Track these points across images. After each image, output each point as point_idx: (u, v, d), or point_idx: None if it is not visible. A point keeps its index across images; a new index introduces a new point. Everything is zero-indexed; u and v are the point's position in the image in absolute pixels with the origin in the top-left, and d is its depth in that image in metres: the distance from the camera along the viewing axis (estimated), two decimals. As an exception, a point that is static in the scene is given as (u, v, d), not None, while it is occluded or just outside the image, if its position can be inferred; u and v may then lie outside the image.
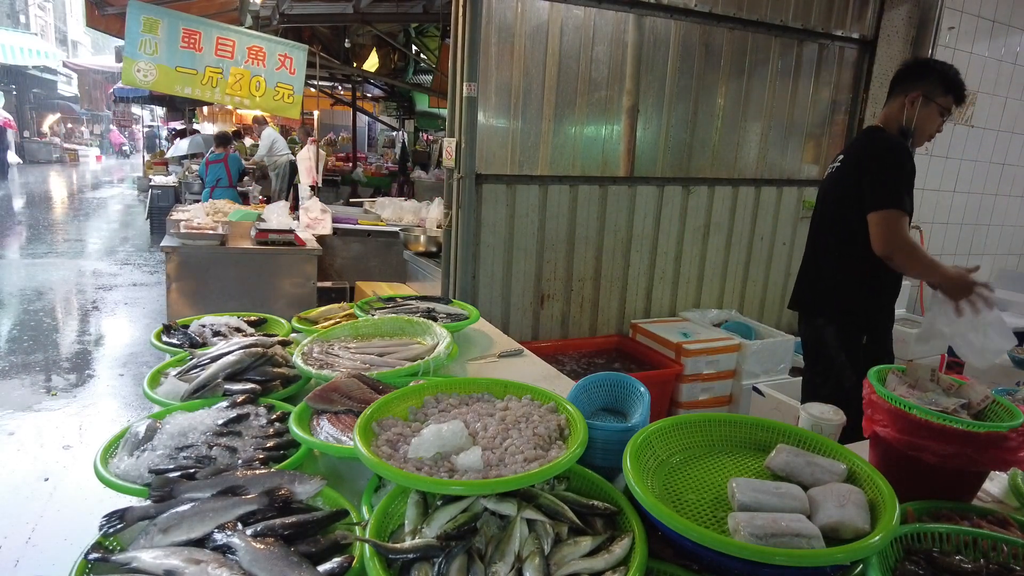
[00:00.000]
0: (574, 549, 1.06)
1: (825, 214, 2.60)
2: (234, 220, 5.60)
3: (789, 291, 4.61)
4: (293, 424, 1.44)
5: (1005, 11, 4.61)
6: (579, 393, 1.56)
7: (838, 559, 0.97)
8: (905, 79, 2.48)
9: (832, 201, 2.54)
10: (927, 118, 2.44)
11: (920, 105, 2.41)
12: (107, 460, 1.36)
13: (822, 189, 2.68)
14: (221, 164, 7.57)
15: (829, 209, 2.57)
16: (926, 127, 2.46)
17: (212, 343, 2.07)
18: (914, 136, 2.46)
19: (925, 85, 2.41)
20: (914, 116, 2.42)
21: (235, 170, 7.63)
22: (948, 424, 1.25)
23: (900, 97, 2.46)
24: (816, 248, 2.66)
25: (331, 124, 14.13)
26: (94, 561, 1.06)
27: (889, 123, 2.50)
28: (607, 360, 3.87)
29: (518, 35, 3.44)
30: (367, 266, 5.58)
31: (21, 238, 10.07)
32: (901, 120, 2.45)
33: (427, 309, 2.45)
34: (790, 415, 3.11)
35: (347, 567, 1.02)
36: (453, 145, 3.46)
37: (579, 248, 3.85)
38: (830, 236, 2.55)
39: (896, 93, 2.50)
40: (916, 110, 2.42)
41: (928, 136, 2.50)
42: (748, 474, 1.27)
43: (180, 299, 4.41)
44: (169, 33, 4.64)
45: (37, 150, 23.45)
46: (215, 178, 7.59)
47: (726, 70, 4.00)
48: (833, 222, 2.53)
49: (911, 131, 2.45)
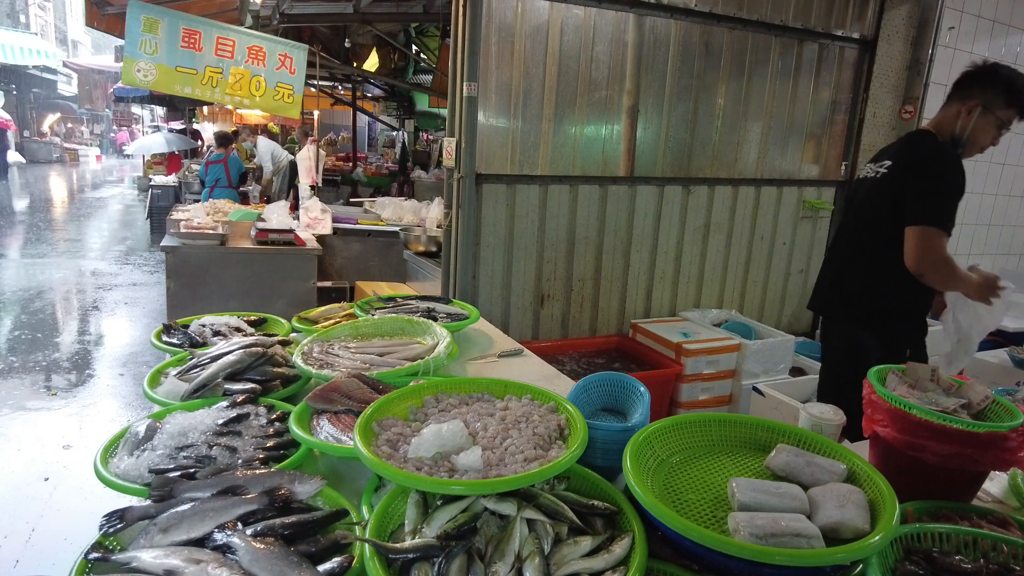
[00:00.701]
0: (574, 549, 1.06)
1: (867, 218, 2.44)
2: (234, 220, 5.61)
3: (789, 291, 4.65)
4: (293, 424, 1.45)
5: (1005, 11, 4.61)
6: (579, 393, 1.56)
7: (838, 559, 0.97)
8: (967, 84, 2.31)
9: (877, 206, 2.37)
10: (982, 129, 2.28)
11: (978, 115, 2.26)
12: (107, 460, 1.36)
13: (862, 191, 2.50)
14: (221, 165, 7.58)
15: (872, 213, 2.40)
16: (979, 139, 2.31)
17: (212, 343, 2.07)
18: (965, 147, 2.31)
19: (986, 94, 2.25)
20: (969, 126, 2.27)
21: (235, 171, 7.65)
22: (948, 424, 1.25)
23: (957, 104, 2.31)
24: (854, 253, 2.50)
25: (331, 124, 14.14)
26: (94, 561, 1.06)
27: (942, 129, 2.35)
28: (607, 360, 3.87)
29: (518, 35, 3.44)
30: (367, 266, 5.58)
31: (21, 238, 10.07)
32: (955, 128, 2.30)
33: (427, 309, 2.45)
34: (790, 415, 3.11)
35: (347, 567, 1.02)
36: (453, 145, 3.46)
37: (579, 248, 3.85)
38: (876, 242, 2.38)
39: (954, 98, 2.33)
40: (972, 120, 2.27)
41: (980, 148, 2.35)
42: (748, 474, 1.27)
43: (180, 299, 4.41)
44: (169, 33, 4.64)
45: (37, 150, 23.47)
46: (214, 178, 7.61)
47: (726, 70, 4.00)
48: (880, 228, 2.36)
49: (963, 141, 2.30)
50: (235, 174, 7.64)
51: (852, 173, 4.55)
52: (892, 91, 4.48)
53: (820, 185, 4.53)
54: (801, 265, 4.63)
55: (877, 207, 2.38)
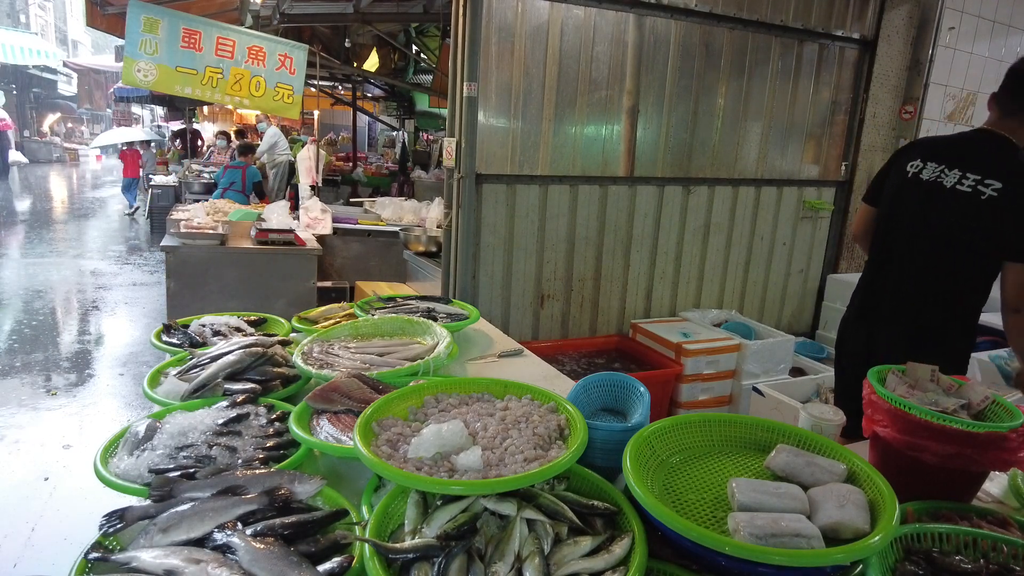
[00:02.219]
0: (574, 549, 1.06)
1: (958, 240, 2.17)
2: (234, 220, 5.61)
3: (789, 291, 4.65)
4: (293, 424, 1.44)
5: (1005, 11, 4.61)
6: (579, 393, 1.56)
7: (838, 559, 0.97)
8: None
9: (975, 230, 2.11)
10: None
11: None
12: (107, 460, 1.36)
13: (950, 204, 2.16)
14: (239, 171, 7.84)
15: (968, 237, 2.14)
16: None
17: (212, 343, 2.07)
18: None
19: None
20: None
21: (249, 179, 7.84)
22: (948, 424, 1.25)
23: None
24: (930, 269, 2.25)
25: (331, 124, 14.13)
26: (94, 561, 1.06)
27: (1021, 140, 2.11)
28: (607, 360, 3.87)
29: (518, 35, 3.44)
30: (367, 266, 5.58)
31: (21, 237, 10.07)
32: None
33: (427, 309, 2.45)
34: (790, 415, 3.11)
35: (347, 567, 1.02)
36: (453, 145, 3.46)
37: (579, 248, 3.85)
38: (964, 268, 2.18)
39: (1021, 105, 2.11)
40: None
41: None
42: (748, 474, 1.27)
43: (180, 299, 4.41)
44: (169, 33, 4.64)
45: (37, 150, 23.47)
46: (229, 181, 7.85)
47: (726, 70, 4.00)
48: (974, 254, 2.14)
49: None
50: (249, 182, 7.82)
51: (852, 173, 4.56)
52: (892, 91, 4.48)
53: (820, 185, 4.53)
54: (801, 265, 4.64)
55: (982, 231, 2.10)
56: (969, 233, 2.13)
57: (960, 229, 2.15)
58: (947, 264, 2.21)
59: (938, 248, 2.22)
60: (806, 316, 4.77)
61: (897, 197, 2.33)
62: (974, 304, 2.23)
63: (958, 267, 2.20)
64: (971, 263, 2.16)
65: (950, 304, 2.23)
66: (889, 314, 2.35)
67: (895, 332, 2.34)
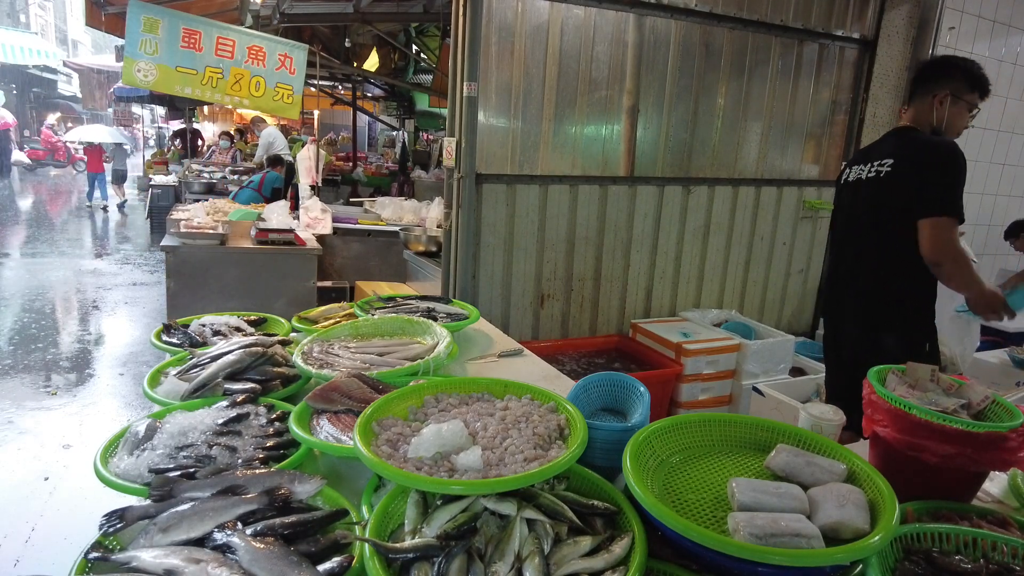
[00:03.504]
0: (574, 549, 1.06)
1: (876, 219, 2.47)
2: (234, 220, 5.60)
3: (789, 291, 4.65)
4: (293, 424, 1.44)
5: (1005, 11, 4.61)
6: (579, 393, 1.56)
7: (837, 559, 0.97)
8: (928, 79, 2.47)
9: (887, 205, 2.41)
10: (957, 116, 2.45)
11: (949, 104, 2.42)
12: (107, 459, 1.36)
13: (864, 193, 2.52)
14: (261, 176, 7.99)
15: (883, 214, 2.44)
16: (956, 125, 2.47)
17: (212, 342, 2.07)
18: (945, 134, 2.47)
19: (951, 84, 2.41)
20: (944, 115, 2.43)
21: (268, 182, 7.99)
22: (948, 424, 1.25)
23: (927, 97, 2.45)
24: (867, 256, 2.51)
25: (331, 124, 14.12)
26: (94, 560, 1.06)
27: (920, 124, 2.49)
28: (607, 360, 3.87)
29: (518, 35, 3.44)
30: (367, 266, 5.58)
31: (21, 237, 10.07)
32: (931, 120, 2.45)
33: (427, 309, 2.45)
34: (790, 415, 3.11)
35: (347, 567, 1.02)
36: (453, 145, 3.46)
37: (579, 248, 3.85)
38: (889, 242, 2.43)
39: (921, 93, 2.48)
40: (946, 109, 2.42)
41: (957, 133, 2.50)
42: (748, 474, 1.27)
43: (180, 299, 4.41)
44: (169, 33, 4.64)
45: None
46: (249, 180, 8.03)
47: (726, 70, 4.00)
48: (891, 227, 2.40)
49: (942, 130, 2.45)
50: (268, 185, 7.94)
51: (852, 173, 4.56)
52: (892, 91, 4.48)
53: (820, 185, 4.53)
54: (801, 265, 4.64)
55: (887, 206, 2.42)
56: (884, 212, 2.42)
57: (876, 211, 2.46)
58: (881, 252, 2.46)
59: (871, 238, 2.49)
60: (806, 316, 4.77)
61: (837, 204, 2.74)
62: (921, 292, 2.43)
63: (889, 252, 2.43)
64: (900, 245, 2.37)
65: (897, 292, 2.45)
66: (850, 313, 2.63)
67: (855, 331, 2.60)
